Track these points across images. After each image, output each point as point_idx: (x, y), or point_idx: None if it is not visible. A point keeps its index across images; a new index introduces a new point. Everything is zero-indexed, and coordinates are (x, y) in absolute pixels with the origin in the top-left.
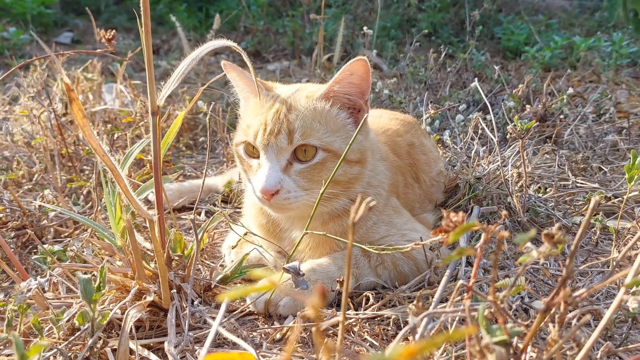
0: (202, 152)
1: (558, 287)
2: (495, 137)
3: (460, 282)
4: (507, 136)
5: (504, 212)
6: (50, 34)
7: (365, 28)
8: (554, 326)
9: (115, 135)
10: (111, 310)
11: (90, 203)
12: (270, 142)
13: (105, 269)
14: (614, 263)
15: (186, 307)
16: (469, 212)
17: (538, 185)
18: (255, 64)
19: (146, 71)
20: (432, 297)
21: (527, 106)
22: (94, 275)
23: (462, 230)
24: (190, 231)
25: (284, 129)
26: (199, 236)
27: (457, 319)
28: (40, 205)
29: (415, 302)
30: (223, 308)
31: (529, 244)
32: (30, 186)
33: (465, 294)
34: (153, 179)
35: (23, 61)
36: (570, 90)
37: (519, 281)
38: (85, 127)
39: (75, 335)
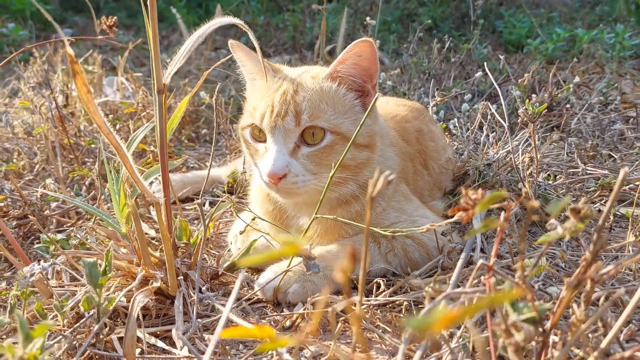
0: (204, 145)
1: (591, 259)
2: (505, 121)
3: (481, 261)
4: (518, 120)
5: (524, 189)
6: (49, 31)
7: (368, 18)
8: (578, 306)
9: (117, 127)
10: (117, 296)
11: (93, 192)
12: (278, 124)
13: (110, 253)
14: (630, 249)
15: (193, 294)
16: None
17: (547, 173)
18: None
19: (150, 45)
20: (446, 283)
21: (533, 96)
22: (99, 262)
23: (489, 201)
24: (195, 221)
25: (291, 111)
26: (207, 221)
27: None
28: (42, 195)
29: (432, 285)
30: (237, 285)
31: (553, 221)
32: (31, 177)
33: (483, 276)
34: (158, 164)
35: (22, 57)
36: (577, 79)
37: (541, 261)
38: (90, 103)
39: (81, 322)
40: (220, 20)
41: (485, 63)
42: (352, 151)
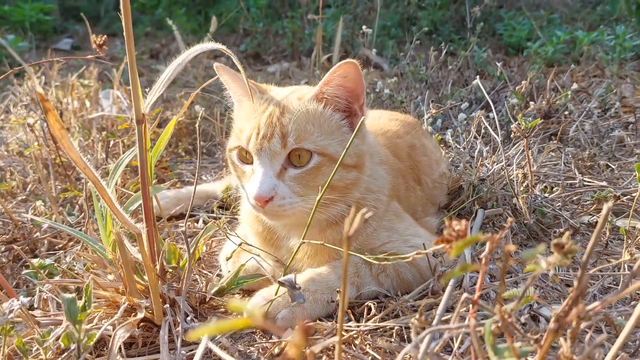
0: (202, 157)
1: (570, 304)
2: (498, 135)
3: (465, 295)
4: (511, 135)
5: (510, 219)
6: (49, 41)
7: (364, 27)
8: (565, 340)
9: (112, 142)
10: (99, 328)
11: (84, 213)
12: (264, 146)
13: (90, 287)
14: (625, 267)
15: (181, 321)
16: (474, 215)
17: (544, 184)
18: (255, 66)
19: (130, 77)
20: (437, 308)
21: (531, 103)
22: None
23: (465, 245)
24: (188, 239)
25: (277, 133)
26: (193, 248)
27: (460, 335)
28: (32, 218)
29: (417, 316)
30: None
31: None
32: (24, 197)
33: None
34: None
35: (21, 71)
36: (575, 86)
37: (528, 292)
38: (64, 139)
39: (63, 355)
40: (201, 46)
41: (478, 77)
42: (340, 172)
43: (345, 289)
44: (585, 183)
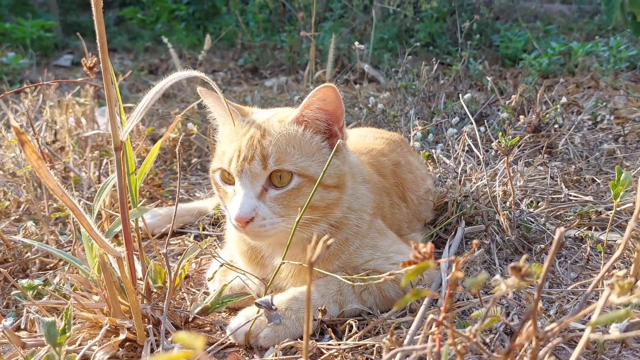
0: (195, 174)
1: (519, 328)
2: (480, 153)
3: (430, 317)
4: (492, 153)
5: (475, 241)
6: (50, 57)
7: (357, 43)
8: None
9: (105, 161)
10: (77, 353)
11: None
12: (245, 168)
13: (70, 310)
14: (590, 288)
15: (166, 340)
16: (453, 233)
17: (530, 199)
18: (253, 80)
19: (107, 107)
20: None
21: (521, 117)
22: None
23: (416, 272)
24: (179, 257)
25: (257, 155)
26: (176, 269)
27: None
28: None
29: (389, 336)
30: None
31: (497, 277)
32: (17, 216)
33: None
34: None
35: (20, 86)
36: (564, 100)
37: (494, 312)
38: (41, 169)
39: None
40: (179, 74)
41: (467, 94)
42: (321, 192)
43: (309, 317)
44: (571, 197)
